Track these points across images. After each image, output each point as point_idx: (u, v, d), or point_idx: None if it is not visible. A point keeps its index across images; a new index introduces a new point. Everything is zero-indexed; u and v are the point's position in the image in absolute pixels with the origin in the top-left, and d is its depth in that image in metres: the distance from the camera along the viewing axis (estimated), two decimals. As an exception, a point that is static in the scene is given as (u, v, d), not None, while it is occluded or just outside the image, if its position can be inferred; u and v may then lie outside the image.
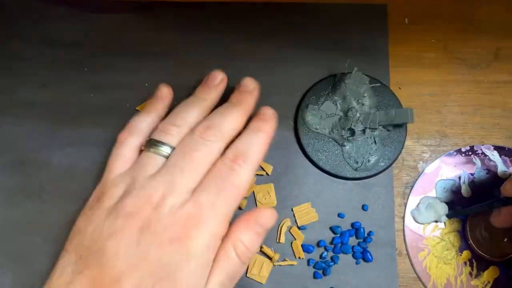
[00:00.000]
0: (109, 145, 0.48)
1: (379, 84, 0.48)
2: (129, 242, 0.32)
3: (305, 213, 0.47)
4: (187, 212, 0.32)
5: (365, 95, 0.47)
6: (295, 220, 0.47)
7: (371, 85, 0.47)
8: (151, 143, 0.36)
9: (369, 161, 0.47)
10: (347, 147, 0.47)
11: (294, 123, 0.48)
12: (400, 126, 0.47)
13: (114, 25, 0.51)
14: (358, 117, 0.46)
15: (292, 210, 0.47)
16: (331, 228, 0.47)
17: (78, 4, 0.51)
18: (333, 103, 0.47)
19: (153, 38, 0.51)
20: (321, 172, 0.48)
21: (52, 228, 0.46)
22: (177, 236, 0.32)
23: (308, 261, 0.46)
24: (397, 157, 0.47)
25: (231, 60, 0.50)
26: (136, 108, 0.49)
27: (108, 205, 0.34)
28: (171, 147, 0.35)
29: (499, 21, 0.51)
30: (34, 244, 0.46)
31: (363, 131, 0.47)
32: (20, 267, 0.46)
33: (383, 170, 0.47)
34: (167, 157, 0.35)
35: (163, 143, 0.36)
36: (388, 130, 0.47)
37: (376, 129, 0.47)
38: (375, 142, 0.47)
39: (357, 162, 0.47)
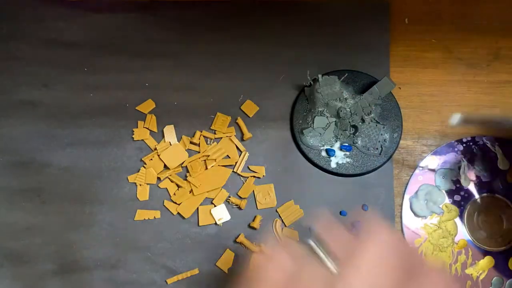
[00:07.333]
0: (109, 145, 0.48)
1: (346, 74, 0.48)
2: None
3: (290, 211, 0.47)
4: None
5: (342, 90, 0.47)
6: (282, 221, 0.47)
7: (341, 80, 0.47)
8: None
9: (385, 140, 0.47)
10: (359, 142, 0.47)
11: (302, 153, 0.48)
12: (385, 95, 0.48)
13: (114, 25, 0.51)
14: (350, 112, 0.47)
15: (276, 211, 0.47)
16: None
17: (78, 4, 0.51)
18: (320, 115, 0.47)
19: (153, 38, 0.51)
20: (321, 172, 0.48)
21: (52, 228, 0.46)
22: None
23: (308, 261, 0.46)
24: (401, 123, 0.48)
25: (230, 60, 0.50)
26: (136, 108, 0.49)
27: None
28: None
29: (499, 21, 0.51)
30: (34, 244, 0.46)
31: (362, 120, 0.47)
32: (20, 267, 0.46)
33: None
34: None
35: None
36: (379, 105, 0.48)
37: (370, 112, 0.47)
38: (377, 122, 0.47)
39: (376, 149, 0.47)
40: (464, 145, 0.48)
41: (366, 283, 0.29)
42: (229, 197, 0.47)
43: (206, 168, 0.47)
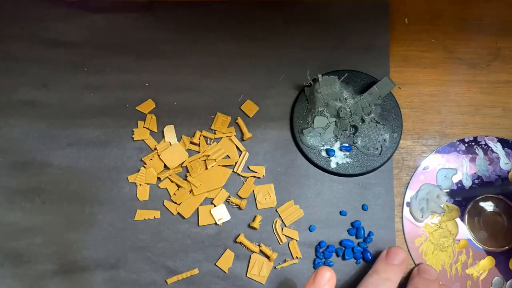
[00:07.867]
0: (109, 145, 0.48)
1: (346, 74, 0.48)
2: None
3: (290, 211, 0.47)
4: None
5: (342, 90, 0.47)
6: (282, 221, 0.47)
7: (341, 80, 0.47)
8: None
9: (385, 140, 0.47)
10: (359, 142, 0.47)
11: (302, 153, 0.48)
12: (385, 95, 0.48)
13: (114, 25, 0.51)
14: (350, 112, 0.47)
15: (276, 211, 0.47)
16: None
17: (78, 4, 0.51)
18: (321, 115, 0.47)
19: (153, 38, 0.51)
20: (321, 172, 0.48)
21: (52, 228, 0.46)
22: None
23: (308, 261, 0.46)
24: (401, 123, 0.48)
25: (231, 60, 0.50)
26: (136, 108, 0.49)
27: None
28: None
29: (499, 21, 0.51)
30: (34, 244, 0.46)
31: (362, 120, 0.47)
32: (20, 267, 0.46)
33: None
34: None
35: None
36: (379, 105, 0.48)
37: (370, 112, 0.47)
38: (377, 122, 0.47)
39: (376, 149, 0.47)
40: (466, 144, 0.48)
41: None
42: (229, 197, 0.47)
43: (206, 168, 0.47)
